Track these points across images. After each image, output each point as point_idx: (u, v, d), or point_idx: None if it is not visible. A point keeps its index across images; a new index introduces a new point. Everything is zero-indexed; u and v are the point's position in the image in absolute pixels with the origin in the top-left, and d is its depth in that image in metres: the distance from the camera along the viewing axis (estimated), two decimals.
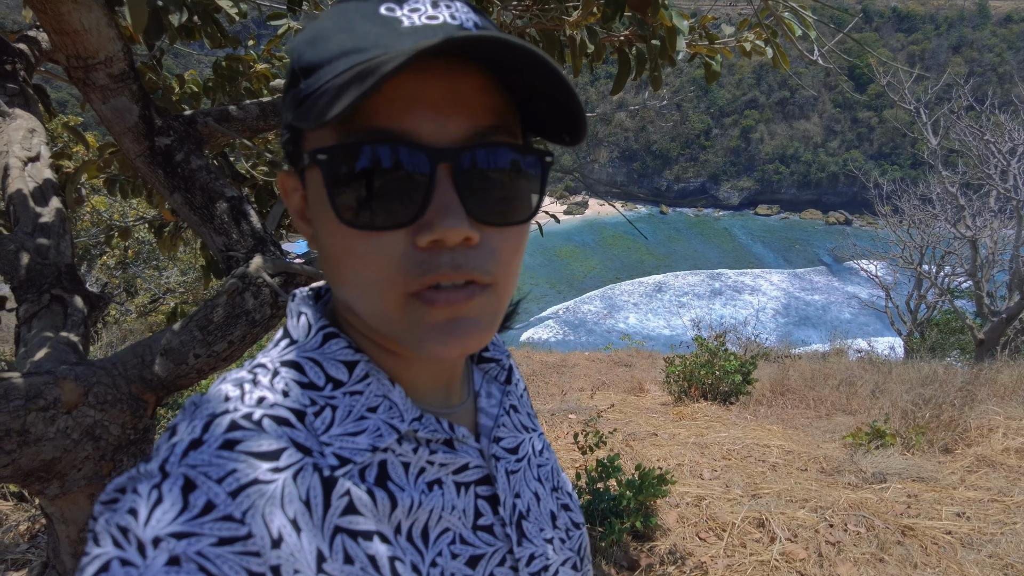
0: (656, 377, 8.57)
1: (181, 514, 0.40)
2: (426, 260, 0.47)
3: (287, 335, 0.57)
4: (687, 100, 61.84)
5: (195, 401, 0.49)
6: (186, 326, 1.42)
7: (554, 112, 0.49)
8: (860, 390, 7.31)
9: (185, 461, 0.42)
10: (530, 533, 0.62)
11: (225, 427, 0.45)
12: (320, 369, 0.53)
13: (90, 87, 1.28)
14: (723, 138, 65.25)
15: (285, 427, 0.48)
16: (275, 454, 0.45)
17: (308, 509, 0.45)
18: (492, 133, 0.48)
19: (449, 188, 0.46)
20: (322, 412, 0.51)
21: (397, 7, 0.48)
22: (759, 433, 5.38)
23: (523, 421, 0.69)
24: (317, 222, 0.51)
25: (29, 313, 1.55)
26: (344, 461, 0.49)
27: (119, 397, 1.35)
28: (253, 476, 0.43)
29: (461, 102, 0.47)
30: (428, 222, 0.46)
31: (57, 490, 1.34)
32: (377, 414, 0.53)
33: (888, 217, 15.88)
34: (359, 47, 0.46)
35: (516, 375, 0.74)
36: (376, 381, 0.54)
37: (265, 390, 0.50)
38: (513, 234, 0.51)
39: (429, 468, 0.55)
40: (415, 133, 0.46)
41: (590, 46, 1.75)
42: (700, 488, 4.01)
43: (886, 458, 4.44)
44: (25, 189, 1.70)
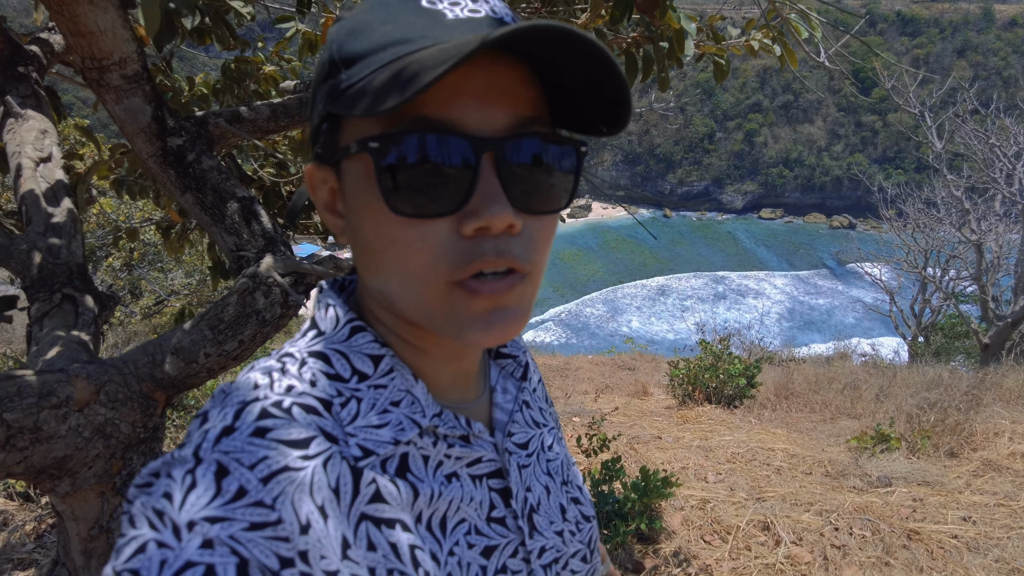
0: (660, 381, 8.56)
1: (215, 499, 0.40)
2: (471, 248, 0.48)
3: (315, 326, 0.58)
4: (691, 104, 61.87)
5: (224, 389, 0.50)
6: (196, 325, 1.43)
7: (595, 102, 0.50)
8: (865, 394, 7.29)
9: (218, 447, 0.43)
10: (541, 526, 0.63)
11: (256, 415, 0.46)
12: (347, 361, 0.54)
13: (104, 88, 1.30)
14: (727, 142, 65.25)
15: (314, 416, 0.49)
16: (305, 442, 0.46)
17: (336, 496, 0.46)
18: (532, 123, 0.49)
19: (493, 177, 0.47)
20: (348, 403, 0.52)
21: (438, 0, 0.49)
22: (763, 436, 5.37)
23: (535, 417, 0.70)
24: (356, 212, 0.51)
25: (41, 312, 1.57)
26: (367, 452, 0.50)
27: (130, 395, 1.36)
28: (284, 463, 0.44)
29: (503, 93, 0.48)
30: (473, 210, 0.47)
31: (68, 487, 1.35)
32: (400, 408, 0.54)
33: (892, 221, 15.85)
34: (406, 37, 0.47)
35: (532, 370, 0.75)
36: (400, 376, 0.55)
37: (293, 379, 0.51)
38: (548, 223, 0.52)
39: (446, 461, 0.56)
40: (460, 122, 0.46)
41: None
42: (705, 491, 4.01)
43: (891, 462, 4.42)
44: (37, 189, 1.72)
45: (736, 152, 64.62)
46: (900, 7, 69.87)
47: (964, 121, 13.17)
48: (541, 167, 0.50)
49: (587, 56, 0.45)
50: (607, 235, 53.35)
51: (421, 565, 0.50)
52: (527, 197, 0.49)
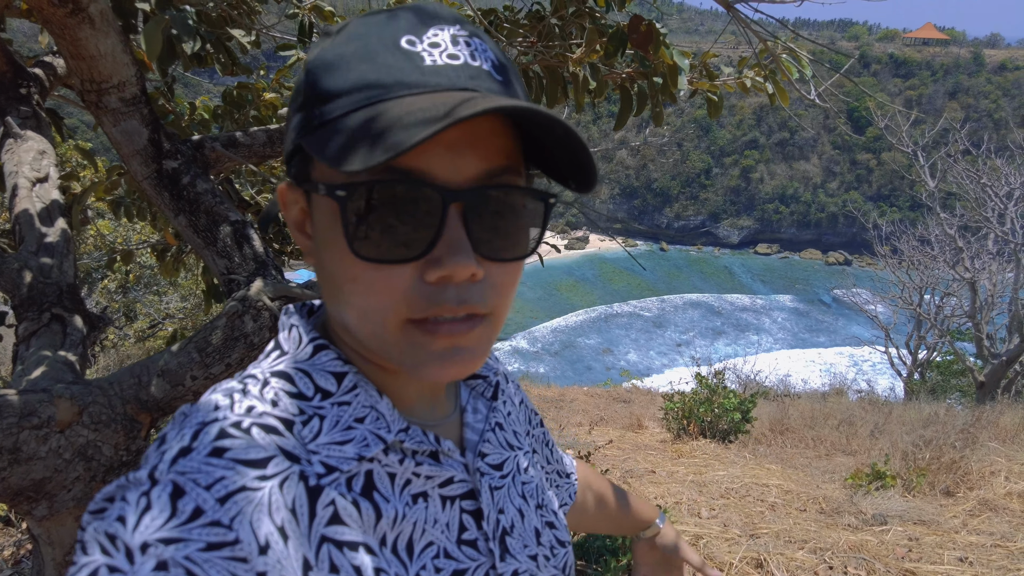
0: (655, 414, 8.51)
1: (169, 520, 0.40)
2: (432, 294, 0.48)
3: (278, 346, 0.58)
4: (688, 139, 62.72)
5: (185, 411, 0.50)
6: (184, 348, 1.43)
7: (566, 164, 0.51)
8: (860, 430, 7.24)
9: (174, 468, 0.43)
10: (513, 549, 0.62)
11: (214, 435, 0.46)
12: (309, 380, 0.54)
13: (102, 110, 1.31)
14: (723, 177, 65.99)
15: (273, 435, 0.48)
16: (263, 462, 0.46)
17: (295, 517, 0.46)
18: (502, 174, 0.50)
19: (459, 226, 0.48)
20: (310, 421, 0.51)
21: (418, 40, 0.49)
22: (758, 472, 5.32)
23: (508, 439, 0.69)
24: (323, 244, 0.52)
25: (28, 331, 1.55)
26: (331, 469, 0.50)
27: (114, 417, 1.35)
28: (241, 483, 0.44)
29: (475, 143, 0.48)
30: (437, 258, 0.48)
31: (45, 511, 1.32)
32: (364, 424, 0.53)
33: (887, 258, 15.96)
34: (381, 81, 0.47)
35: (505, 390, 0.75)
36: (364, 392, 0.55)
37: (254, 399, 0.50)
38: (512, 268, 0.53)
39: (415, 480, 0.55)
40: (430, 173, 0.47)
41: (592, 83, 1.79)
42: (698, 527, 3.95)
43: (886, 500, 4.38)
44: (32, 209, 1.72)
45: (732, 187, 65.32)
46: (892, 50, 71.42)
47: (956, 161, 13.37)
48: (508, 217, 0.51)
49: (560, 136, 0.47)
50: (604, 267, 53.54)
51: None
52: (492, 245, 0.50)
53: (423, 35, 0.49)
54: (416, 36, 0.49)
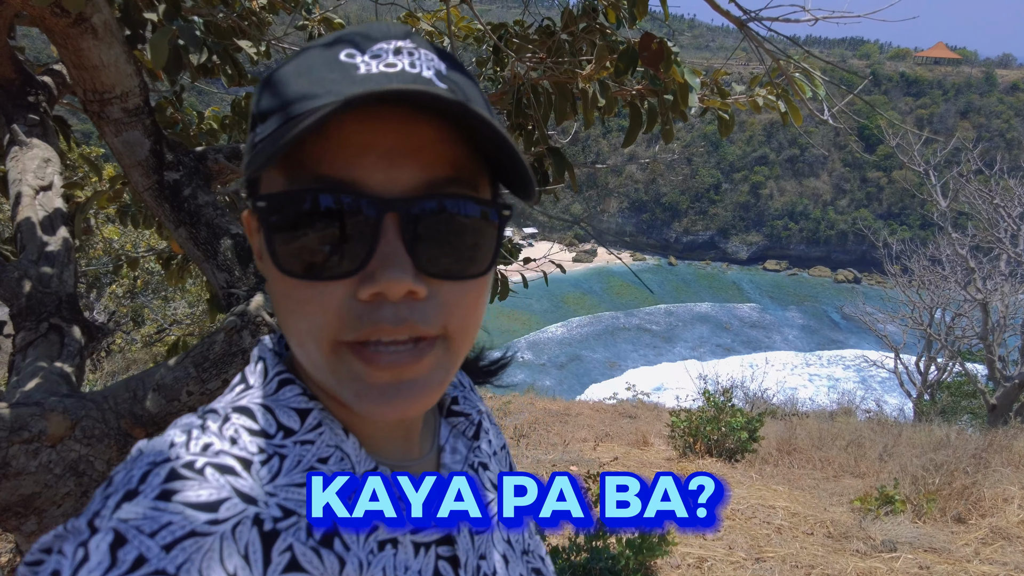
0: (661, 431, 8.42)
1: (108, 572, 0.37)
2: (366, 313, 0.45)
3: (243, 380, 0.55)
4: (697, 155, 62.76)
5: (140, 448, 0.47)
6: (181, 362, 1.40)
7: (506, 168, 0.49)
8: (869, 452, 7.14)
9: (116, 515, 0.40)
10: None
11: (163, 477, 0.43)
12: (272, 416, 0.51)
13: (104, 120, 1.30)
14: (733, 193, 65.90)
15: (229, 475, 0.45)
16: (214, 505, 0.43)
17: (248, 565, 0.42)
18: (448, 185, 0.47)
19: (395, 239, 0.45)
20: (269, 461, 0.48)
21: (358, 54, 0.47)
22: (764, 493, 5.23)
23: (492, 479, 0.66)
24: (266, 267, 0.49)
25: (26, 341, 1.54)
26: (288, 513, 0.46)
27: (107, 432, 1.32)
28: (189, 528, 0.40)
29: (415, 152, 0.46)
30: (370, 273, 0.45)
31: (34, 526, 1.30)
32: (328, 465, 0.50)
33: (897, 277, 15.82)
34: (312, 93, 0.45)
35: (487, 430, 0.71)
36: (329, 431, 0.52)
37: (213, 436, 0.47)
38: (471, 287, 0.49)
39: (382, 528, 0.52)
40: (363, 182, 0.44)
41: (601, 100, 1.77)
42: (703, 549, 3.88)
43: (896, 525, 4.29)
44: (34, 217, 1.71)
45: (742, 203, 65.20)
46: (904, 68, 71.36)
47: (968, 181, 13.28)
48: (453, 230, 0.47)
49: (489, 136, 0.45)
50: (612, 280, 53.41)
51: None
52: (437, 261, 0.47)
53: (366, 49, 0.47)
54: (357, 50, 0.47)
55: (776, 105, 1.79)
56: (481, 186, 0.50)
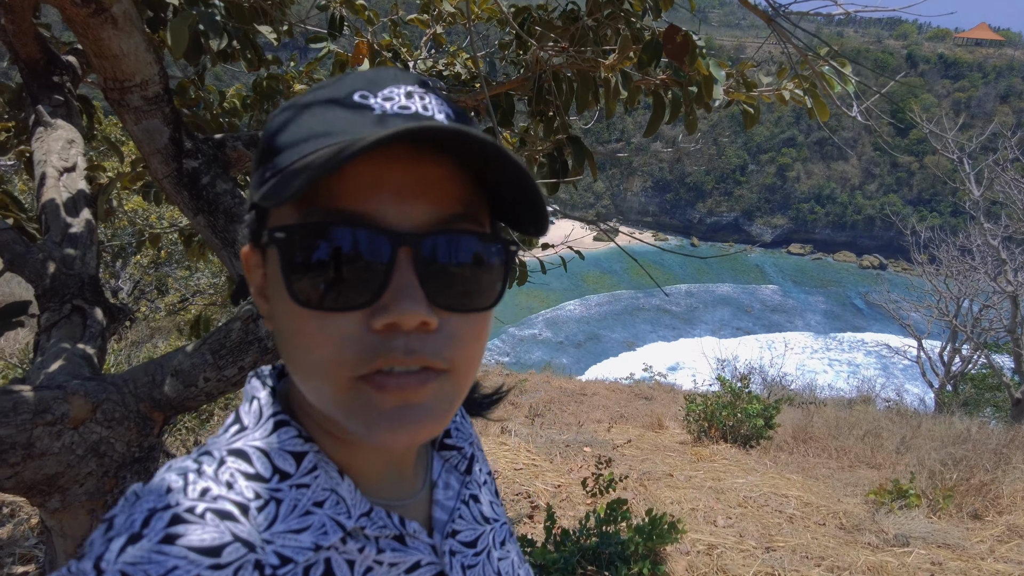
0: (676, 414, 8.42)
1: None
2: (379, 344, 0.46)
3: (238, 420, 0.55)
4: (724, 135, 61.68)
5: (136, 491, 0.47)
6: (199, 349, 1.42)
7: (518, 204, 0.50)
8: (886, 443, 7.08)
9: (122, 558, 0.41)
10: None
11: (167, 521, 0.43)
12: (267, 459, 0.51)
13: (124, 108, 1.30)
14: (759, 174, 64.76)
15: (228, 521, 0.46)
16: (217, 550, 0.43)
17: None
18: (457, 221, 0.48)
19: (409, 272, 0.46)
20: (266, 506, 0.49)
21: (371, 95, 0.48)
22: (778, 481, 5.23)
23: (484, 511, 0.66)
24: (274, 299, 0.50)
25: (50, 322, 1.57)
26: (285, 560, 0.47)
27: (127, 415, 1.35)
28: (195, 573, 0.41)
29: (426, 189, 0.47)
30: (384, 305, 0.46)
31: (58, 504, 1.34)
32: (324, 509, 0.51)
33: (924, 265, 15.51)
34: (329, 131, 0.47)
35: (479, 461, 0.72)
36: (324, 474, 0.52)
37: (209, 481, 0.48)
38: (475, 320, 0.50)
39: (377, 568, 0.52)
40: (378, 217, 0.46)
41: (623, 92, 1.74)
42: (713, 536, 3.90)
43: (910, 520, 4.27)
44: (58, 199, 1.74)
45: (768, 185, 64.08)
46: (943, 50, 69.03)
47: (1004, 169, 12.87)
48: (464, 265, 0.49)
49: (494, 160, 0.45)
50: (633, 261, 53.08)
51: None
52: (448, 295, 0.48)
53: (378, 91, 0.49)
54: (370, 92, 0.49)
55: (803, 100, 1.74)
56: (485, 224, 0.51)
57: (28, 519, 3.43)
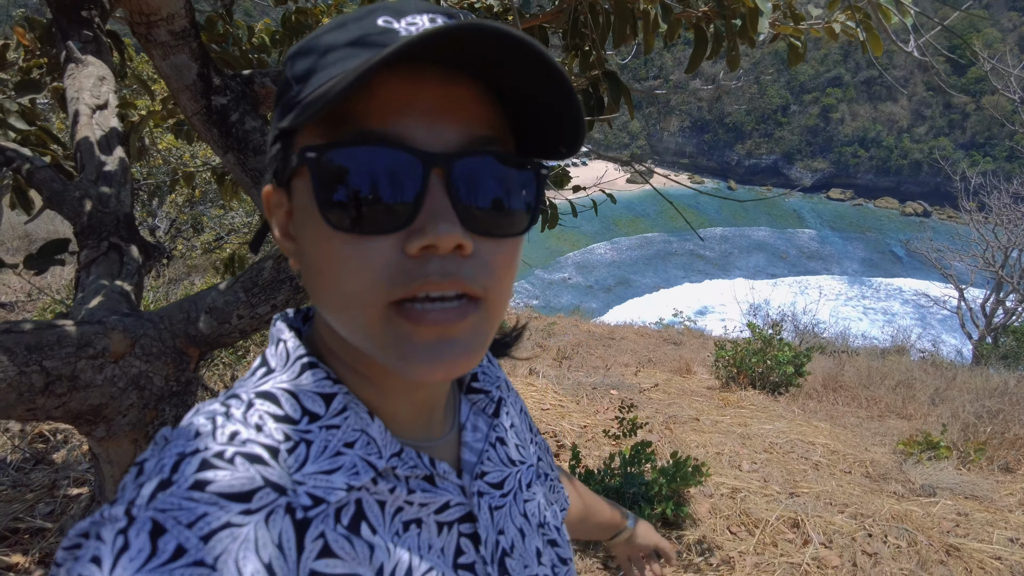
0: (705, 359, 8.41)
1: (149, 560, 0.38)
2: (414, 268, 0.45)
3: (264, 363, 0.55)
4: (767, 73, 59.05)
5: (166, 436, 0.48)
6: (231, 287, 1.45)
7: (549, 119, 0.48)
8: (919, 394, 6.99)
9: (153, 504, 0.41)
10: (513, 571, 0.60)
11: (196, 467, 0.43)
12: (296, 401, 0.51)
13: (151, 43, 1.29)
14: (801, 115, 62.21)
15: (258, 465, 0.46)
16: (247, 495, 0.44)
17: (282, 553, 0.44)
18: (487, 143, 0.47)
19: (442, 194, 0.45)
20: (296, 448, 0.48)
21: (395, 20, 0.47)
22: (805, 429, 5.23)
23: (510, 454, 0.67)
24: (301, 232, 0.49)
25: (89, 259, 1.61)
26: (318, 501, 0.47)
27: (164, 350, 1.39)
28: (225, 519, 0.41)
29: (456, 110, 0.46)
30: (419, 227, 0.45)
31: (103, 433, 1.40)
32: (354, 449, 0.50)
33: (972, 213, 14.92)
34: (355, 55, 0.45)
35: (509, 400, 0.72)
36: (354, 415, 0.52)
37: (238, 424, 0.48)
38: (507, 246, 0.49)
39: (407, 508, 0.53)
40: (408, 137, 0.45)
41: (662, 25, 1.65)
42: (737, 480, 3.94)
43: (938, 471, 4.25)
44: (92, 137, 1.75)
45: (810, 127, 61.60)
46: None
47: None
48: (496, 188, 0.48)
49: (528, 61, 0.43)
50: (667, 204, 52.13)
51: None
52: (481, 220, 0.47)
53: (401, 19, 0.47)
54: (394, 18, 0.47)
55: (855, 33, 1.63)
56: (511, 149, 0.50)
57: (80, 445, 3.62)
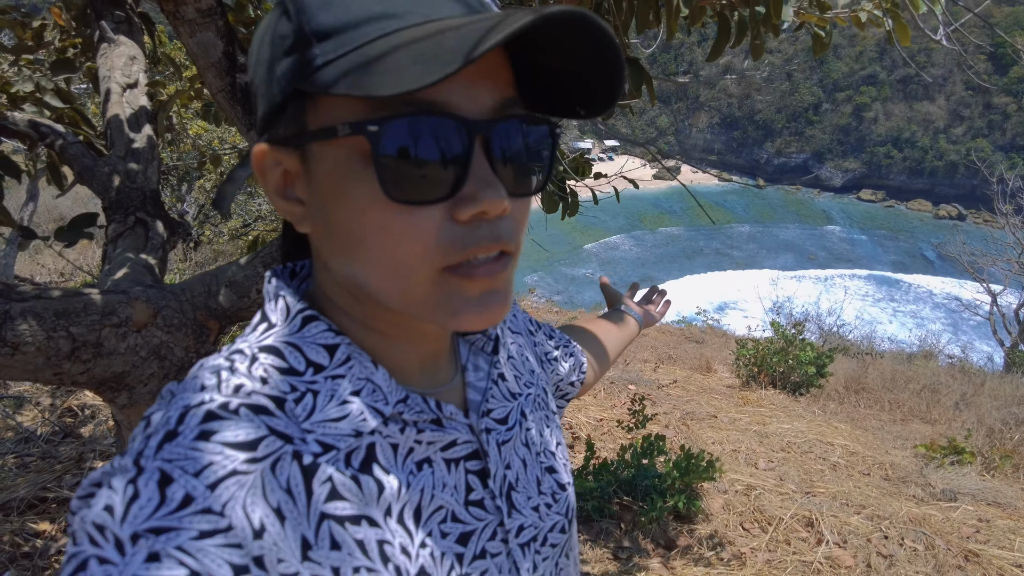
0: (726, 358, 8.34)
1: (159, 509, 0.39)
2: (466, 234, 0.46)
3: (265, 318, 0.55)
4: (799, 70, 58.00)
5: (172, 389, 0.49)
6: (251, 262, 1.48)
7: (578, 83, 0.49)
8: (944, 399, 6.86)
9: (160, 454, 0.42)
10: (519, 503, 0.62)
11: (201, 417, 0.44)
12: (300, 353, 0.52)
13: (179, 20, 1.32)
14: (833, 114, 61.04)
15: (263, 415, 0.47)
16: (253, 444, 0.45)
17: (291, 498, 0.45)
18: (513, 105, 0.49)
19: (484, 161, 0.46)
20: (303, 398, 0.49)
21: None
22: (824, 429, 5.16)
23: (511, 388, 0.68)
24: (333, 198, 0.48)
25: (116, 233, 1.66)
26: (327, 448, 0.48)
27: (184, 322, 1.43)
28: (231, 467, 0.43)
29: (488, 74, 0.47)
30: (469, 195, 0.46)
31: (126, 400, 1.44)
32: (360, 397, 0.52)
33: (1009, 216, 14.53)
34: (391, 12, 0.45)
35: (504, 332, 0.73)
36: (358, 364, 0.53)
37: (243, 377, 0.48)
38: (526, 204, 0.52)
39: (418, 448, 0.54)
40: (453, 104, 0.45)
41: (684, 10, 1.64)
42: (752, 477, 3.92)
43: (960, 476, 4.17)
44: (122, 115, 1.79)
45: (842, 126, 60.41)
46: None
47: None
48: (524, 150, 0.49)
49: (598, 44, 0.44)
50: (694, 200, 51.60)
51: (391, 560, 0.49)
52: (512, 179, 0.49)
53: None
54: None
55: (882, 21, 1.61)
56: None
57: (106, 420, 3.72)
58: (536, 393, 0.73)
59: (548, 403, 0.77)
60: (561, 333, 0.92)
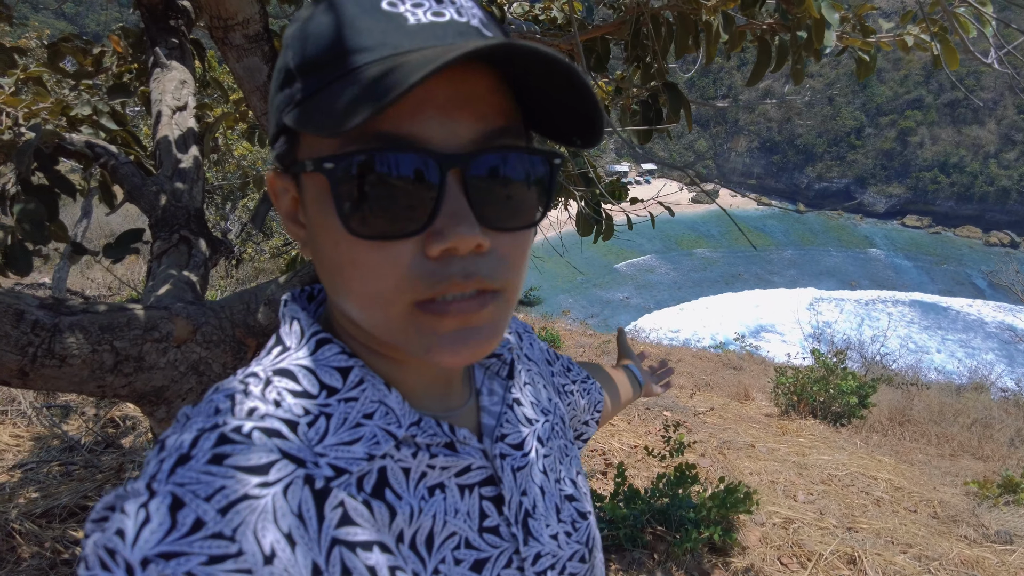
0: (765, 386, 8.14)
1: (169, 533, 0.39)
2: (436, 270, 0.46)
3: (280, 342, 0.56)
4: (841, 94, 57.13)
5: (187, 413, 0.49)
6: (290, 280, 1.50)
7: (568, 116, 0.48)
8: (997, 434, 6.56)
9: (172, 479, 0.42)
10: (536, 531, 0.60)
11: (213, 442, 0.44)
12: (314, 376, 0.52)
13: (227, 46, 1.36)
14: (876, 138, 59.86)
15: (276, 439, 0.47)
16: (264, 468, 0.44)
17: (302, 523, 0.45)
18: (501, 136, 0.47)
19: (459, 195, 0.45)
20: (316, 421, 0.50)
21: (399, 2, 0.46)
22: (867, 463, 4.98)
23: (527, 414, 0.67)
24: (316, 228, 0.49)
25: (161, 250, 1.70)
26: (340, 472, 0.48)
27: (223, 338, 1.46)
28: (243, 492, 0.42)
29: (469, 104, 0.45)
30: (439, 230, 0.45)
31: (164, 414, 1.47)
32: (373, 420, 0.51)
33: None
34: (364, 46, 0.44)
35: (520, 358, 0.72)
36: (371, 387, 0.53)
37: (256, 400, 0.49)
38: (521, 238, 0.50)
39: (430, 472, 0.53)
40: (424, 138, 0.44)
41: (724, 35, 1.63)
42: (791, 510, 3.79)
43: (1017, 517, 3.96)
44: (171, 136, 1.86)
45: (885, 151, 59.18)
46: None
47: None
48: (511, 182, 0.48)
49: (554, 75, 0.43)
50: (732, 225, 50.95)
51: None
52: (496, 214, 0.47)
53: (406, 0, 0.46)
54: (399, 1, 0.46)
55: (929, 46, 1.57)
56: (523, 134, 0.50)
57: (145, 432, 3.81)
58: (554, 422, 0.72)
59: (566, 432, 0.75)
60: (580, 367, 0.91)
